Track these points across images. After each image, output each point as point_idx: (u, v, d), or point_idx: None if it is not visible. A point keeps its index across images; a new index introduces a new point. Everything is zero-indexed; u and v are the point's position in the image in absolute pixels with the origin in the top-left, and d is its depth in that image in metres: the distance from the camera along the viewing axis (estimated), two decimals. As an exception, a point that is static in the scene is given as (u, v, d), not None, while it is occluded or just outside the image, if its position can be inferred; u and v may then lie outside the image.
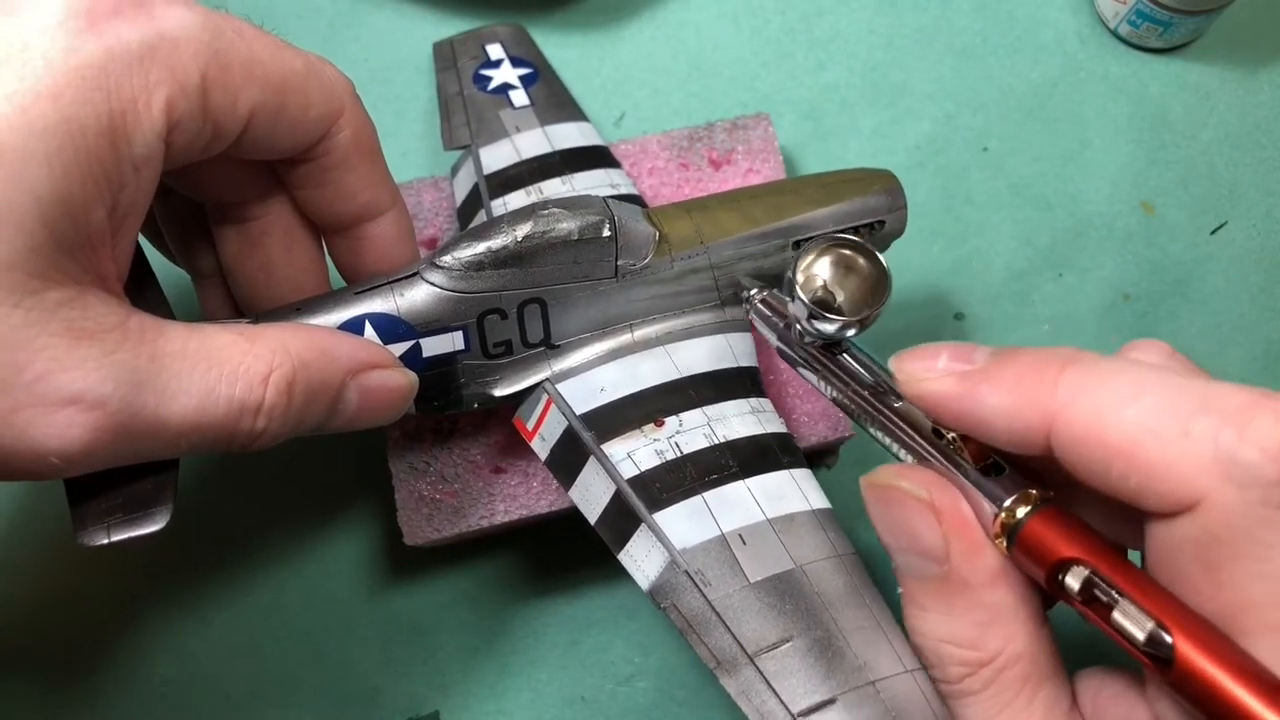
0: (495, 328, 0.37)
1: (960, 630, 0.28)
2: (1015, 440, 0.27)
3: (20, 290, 0.26)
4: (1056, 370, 0.26)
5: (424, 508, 0.42)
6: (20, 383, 0.26)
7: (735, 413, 0.38)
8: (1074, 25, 0.56)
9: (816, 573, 0.34)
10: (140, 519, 0.31)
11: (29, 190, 0.26)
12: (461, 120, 0.48)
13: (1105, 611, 0.25)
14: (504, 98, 0.48)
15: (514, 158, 0.45)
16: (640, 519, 0.35)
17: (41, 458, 0.27)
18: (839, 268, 0.33)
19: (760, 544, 0.34)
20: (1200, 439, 0.24)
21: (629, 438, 0.37)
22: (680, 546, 0.34)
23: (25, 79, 0.26)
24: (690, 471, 0.36)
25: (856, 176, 0.42)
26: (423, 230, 0.47)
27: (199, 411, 0.29)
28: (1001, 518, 0.27)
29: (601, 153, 0.46)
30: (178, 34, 0.28)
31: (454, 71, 0.50)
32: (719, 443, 0.36)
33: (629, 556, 0.35)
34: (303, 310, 0.35)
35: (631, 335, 0.39)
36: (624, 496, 0.35)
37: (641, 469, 0.36)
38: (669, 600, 0.34)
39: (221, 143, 0.31)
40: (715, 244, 0.39)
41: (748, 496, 0.35)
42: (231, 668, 0.45)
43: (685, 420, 0.37)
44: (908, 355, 0.29)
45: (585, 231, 0.36)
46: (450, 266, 0.36)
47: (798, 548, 0.34)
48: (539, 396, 0.39)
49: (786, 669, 0.32)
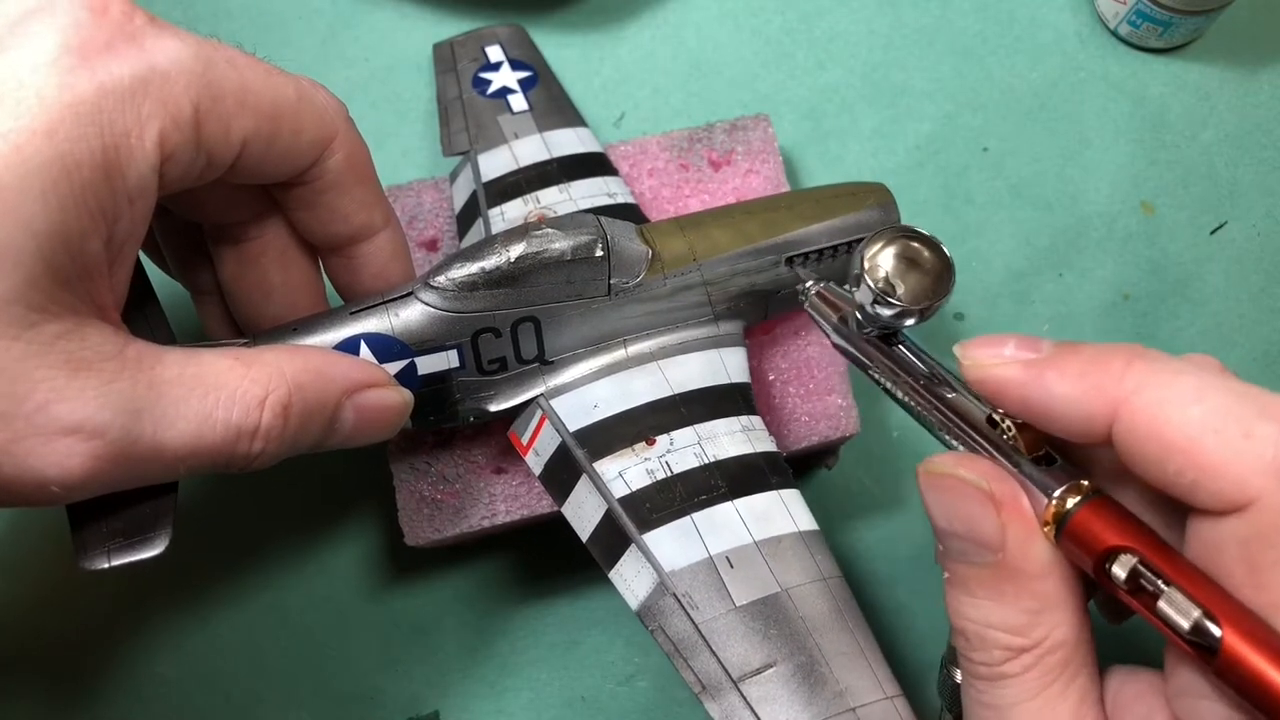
0: (489, 345, 0.38)
1: (1010, 617, 0.29)
2: (1077, 428, 0.27)
3: (19, 324, 0.26)
4: (1124, 362, 0.26)
5: (425, 508, 0.42)
6: (20, 413, 0.27)
7: (726, 431, 0.38)
8: (1074, 25, 0.56)
9: (801, 596, 0.34)
10: (140, 544, 0.32)
11: (26, 227, 0.26)
12: (460, 126, 0.48)
13: (1150, 600, 0.25)
14: (503, 102, 0.48)
15: (512, 165, 0.46)
16: (630, 539, 0.36)
17: (43, 486, 0.28)
18: (903, 260, 0.33)
19: (747, 567, 0.35)
20: (1262, 442, 0.24)
21: (621, 456, 0.37)
22: (669, 568, 0.35)
23: (20, 117, 0.26)
24: (680, 491, 0.36)
25: (850, 191, 0.42)
26: (423, 231, 0.47)
27: (196, 436, 0.29)
28: (1052, 507, 0.27)
29: (599, 160, 0.47)
30: (169, 67, 0.29)
31: (453, 74, 0.50)
32: (709, 462, 0.37)
33: (619, 576, 0.36)
34: (299, 330, 0.36)
35: (625, 351, 0.40)
36: (615, 516, 0.36)
37: (632, 488, 0.36)
38: (656, 623, 0.34)
39: (215, 170, 0.31)
40: (708, 261, 0.39)
41: (735, 518, 0.36)
42: (232, 668, 0.45)
43: (676, 439, 0.38)
44: (973, 343, 0.29)
45: (578, 252, 0.37)
46: (444, 287, 0.36)
47: (783, 571, 0.35)
48: (533, 412, 0.39)
49: (770, 695, 0.32)
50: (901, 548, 0.48)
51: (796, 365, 0.44)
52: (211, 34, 0.32)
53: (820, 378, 0.44)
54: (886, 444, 0.49)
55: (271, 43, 0.55)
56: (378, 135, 0.53)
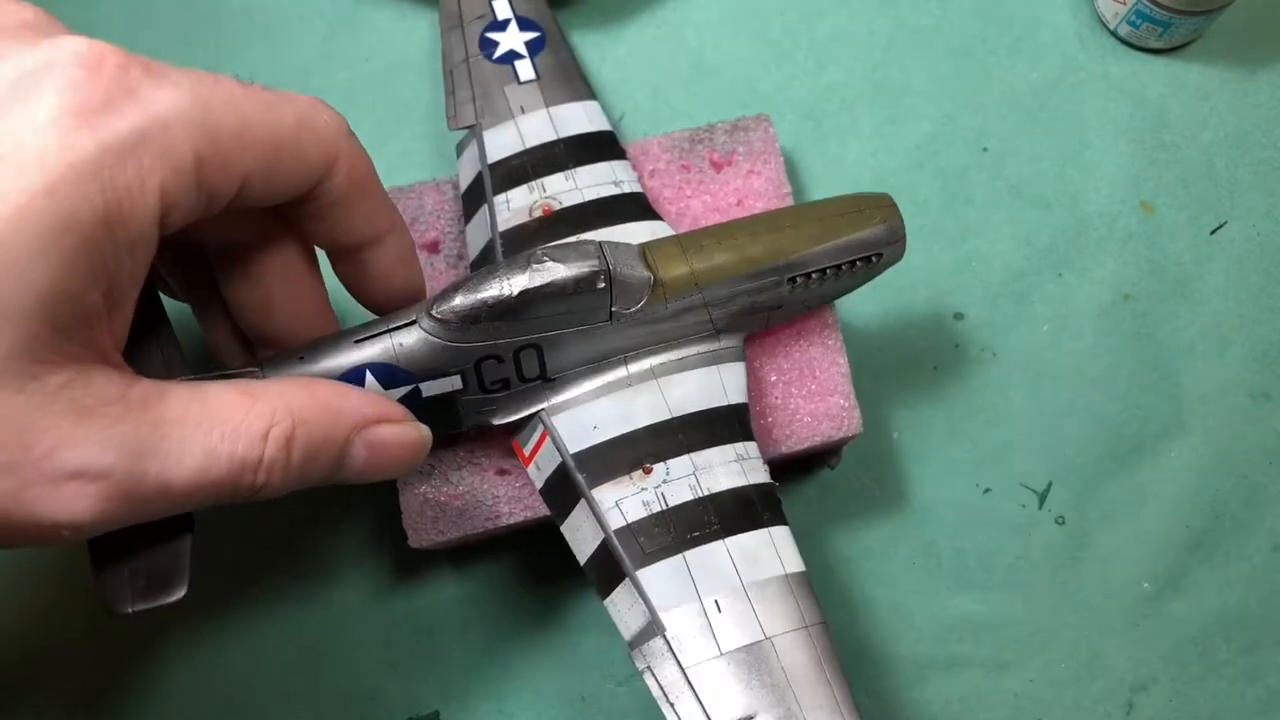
0: (492, 370, 0.38)
1: None
2: None
3: (23, 376, 0.27)
4: None
5: (429, 510, 0.42)
6: (27, 461, 0.27)
7: (720, 461, 0.39)
8: (1074, 26, 0.56)
9: (784, 645, 0.35)
10: (161, 590, 0.33)
11: (28, 286, 0.27)
12: (467, 96, 0.47)
13: None
14: (510, 69, 0.47)
15: (518, 145, 0.45)
16: (625, 574, 0.37)
17: (54, 529, 0.28)
18: None
19: (734, 611, 0.36)
20: None
21: (618, 484, 0.38)
22: (660, 608, 0.36)
23: (20, 178, 0.27)
24: (674, 527, 0.37)
25: (856, 207, 0.42)
26: (424, 233, 0.47)
27: (202, 472, 0.30)
28: None
29: (607, 140, 0.46)
30: (168, 116, 0.29)
31: (460, 32, 0.49)
32: (703, 495, 0.38)
33: (613, 605, 0.37)
34: (306, 359, 0.36)
35: (626, 369, 0.40)
36: (611, 548, 0.37)
37: (629, 520, 0.37)
38: (645, 664, 0.35)
39: (216, 206, 0.32)
40: (710, 285, 0.39)
41: (726, 559, 0.37)
42: (232, 668, 0.45)
43: (672, 469, 0.38)
44: None
45: (581, 285, 0.37)
46: (446, 318, 0.36)
47: (769, 617, 0.36)
48: (535, 426, 0.40)
49: None
50: (901, 548, 0.48)
51: (799, 366, 0.44)
52: (212, 33, 0.32)
53: (823, 378, 0.44)
54: (888, 444, 0.49)
55: (271, 43, 0.55)
56: (378, 135, 0.53)
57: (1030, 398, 0.50)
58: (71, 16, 0.32)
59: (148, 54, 0.30)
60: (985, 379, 0.50)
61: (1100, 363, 0.50)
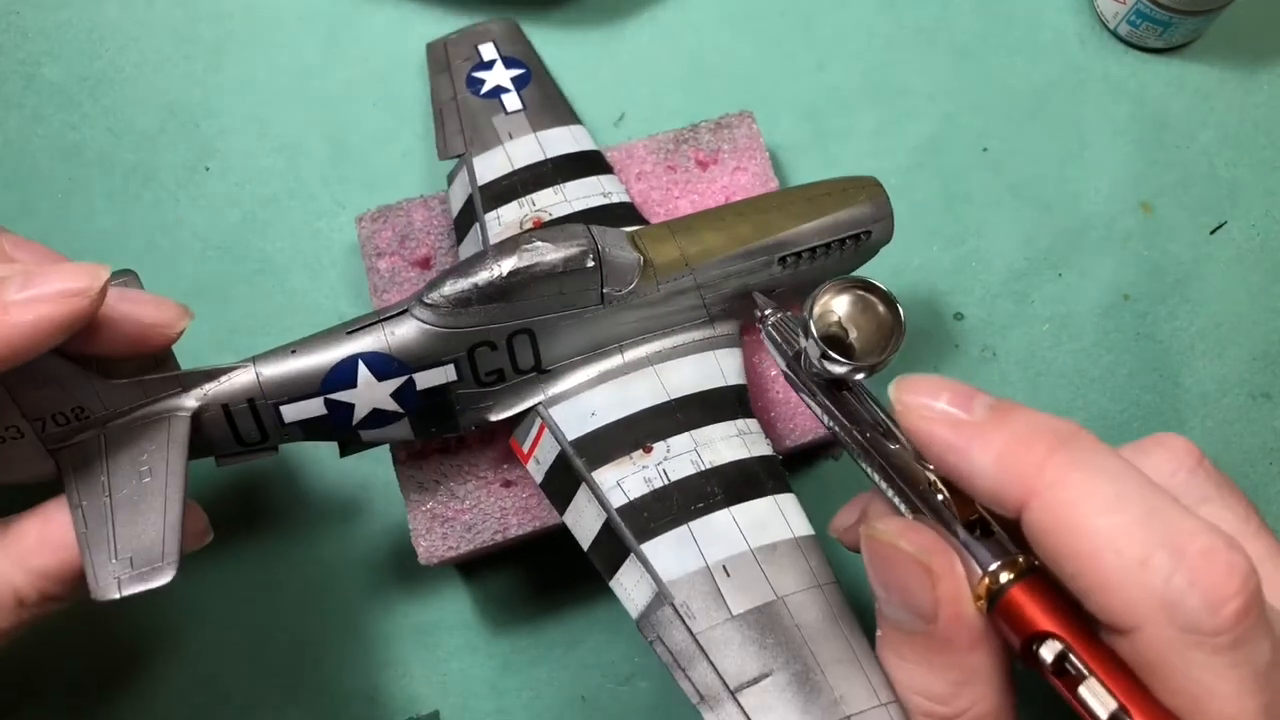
0: (486, 358, 0.38)
1: (935, 686, 0.29)
2: (992, 503, 0.28)
3: None
4: (1046, 449, 0.27)
5: (438, 527, 0.42)
6: None
7: (722, 436, 0.38)
8: (1074, 25, 0.56)
9: (797, 604, 0.35)
10: (149, 574, 0.33)
11: None
12: (455, 128, 0.48)
13: (1073, 683, 0.26)
14: (497, 102, 0.48)
15: (507, 167, 0.46)
16: (629, 549, 0.36)
17: None
18: (856, 307, 0.33)
19: (743, 575, 0.35)
20: (1155, 572, 0.25)
21: (619, 465, 0.37)
22: (667, 578, 0.35)
23: None
24: (677, 500, 0.36)
25: (841, 187, 0.42)
26: (415, 250, 0.47)
27: None
28: (986, 582, 0.28)
29: (594, 158, 0.47)
30: None
31: (447, 75, 0.50)
32: (705, 469, 0.37)
33: (619, 585, 0.36)
34: (297, 351, 0.36)
35: (621, 357, 0.40)
36: (613, 526, 0.37)
37: (630, 497, 0.37)
38: (655, 634, 0.35)
39: None
40: (701, 265, 0.39)
41: (732, 526, 0.36)
42: (232, 668, 0.45)
43: (673, 445, 0.38)
44: (909, 385, 0.29)
45: (570, 263, 0.37)
46: (438, 304, 0.36)
47: (779, 578, 0.35)
48: (533, 420, 0.40)
49: (766, 704, 0.33)
50: (902, 548, 0.48)
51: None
52: (212, 33, 0.32)
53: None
54: (887, 444, 0.49)
55: (272, 43, 0.55)
56: (378, 135, 0.53)
57: (1030, 398, 0.50)
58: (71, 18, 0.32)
59: (148, 54, 0.30)
60: (985, 379, 0.50)
61: (1100, 363, 0.50)
